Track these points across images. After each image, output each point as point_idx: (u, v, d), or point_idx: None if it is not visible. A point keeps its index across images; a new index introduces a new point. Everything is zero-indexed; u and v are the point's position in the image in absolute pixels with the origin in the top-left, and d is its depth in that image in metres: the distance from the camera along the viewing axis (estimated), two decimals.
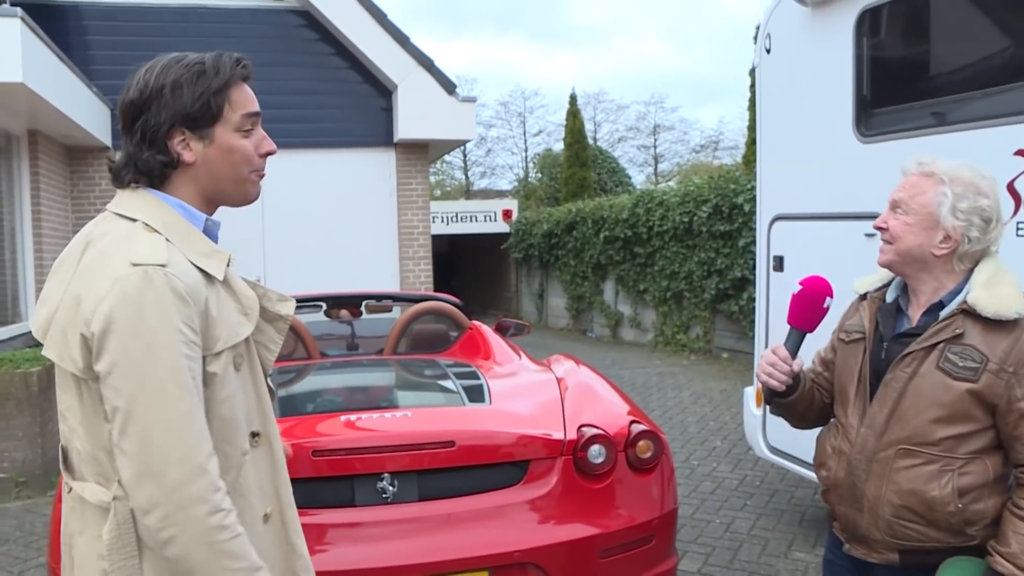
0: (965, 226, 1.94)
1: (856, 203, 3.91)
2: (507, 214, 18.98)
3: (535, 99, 42.10)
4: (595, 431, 2.96)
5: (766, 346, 4.76)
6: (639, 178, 31.18)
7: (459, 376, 3.77)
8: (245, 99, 1.57)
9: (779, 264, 4.57)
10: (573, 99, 20.99)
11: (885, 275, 2.14)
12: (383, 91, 10.43)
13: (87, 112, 8.56)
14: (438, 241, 20.26)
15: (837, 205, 4.05)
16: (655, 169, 34.04)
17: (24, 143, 8.23)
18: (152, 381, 1.36)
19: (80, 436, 1.47)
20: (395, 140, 10.33)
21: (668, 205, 12.02)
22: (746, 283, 10.29)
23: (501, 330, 5.22)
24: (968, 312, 1.92)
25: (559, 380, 3.59)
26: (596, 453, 2.92)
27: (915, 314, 2.03)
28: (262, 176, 1.62)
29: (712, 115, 54.17)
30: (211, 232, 1.58)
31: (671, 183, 22.31)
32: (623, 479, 2.96)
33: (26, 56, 6.34)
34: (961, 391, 1.88)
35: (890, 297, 2.10)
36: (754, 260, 10.01)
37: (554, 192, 22.83)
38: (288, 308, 1.67)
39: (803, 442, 3.32)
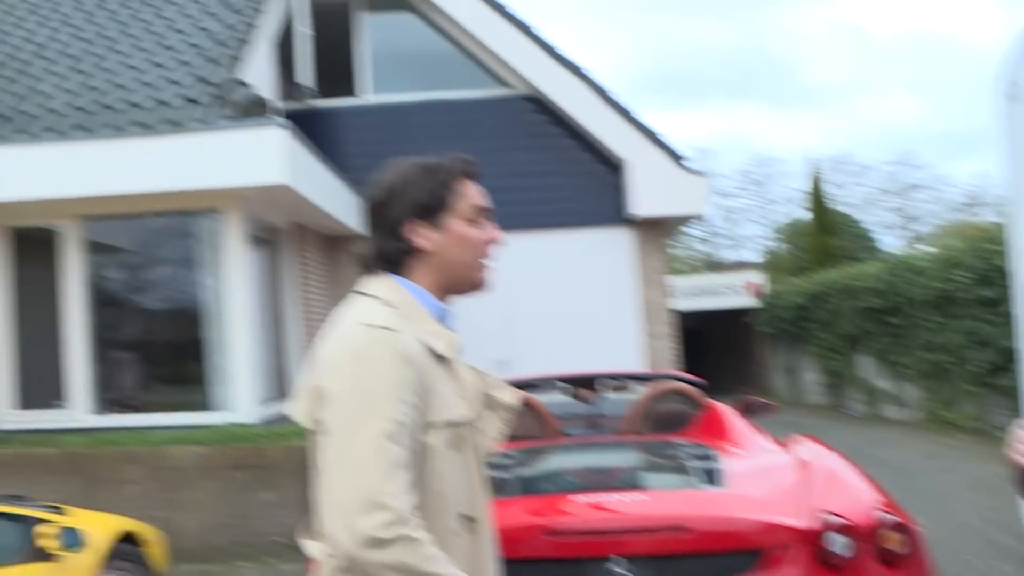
0: None
1: None
2: (751, 287, 18.50)
3: (775, 166, 41.19)
4: (838, 520, 2.77)
5: None
6: (892, 242, 29.30)
7: (695, 458, 3.71)
8: (473, 193, 1.72)
9: None
10: (815, 164, 20.33)
11: None
12: (614, 169, 10.61)
13: (343, 205, 9.38)
14: (684, 317, 20.13)
15: None
16: (910, 232, 31.83)
17: (290, 235, 9.15)
18: (364, 431, 1.44)
19: (315, 492, 1.58)
20: (628, 217, 10.44)
21: (923, 271, 11.19)
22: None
23: (747, 409, 5.08)
24: None
25: (800, 463, 3.42)
26: (839, 543, 2.73)
27: None
28: (491, 265, 1.74)
29: (967, 169, 50.12)
30: (443, 318, 1.69)
31: (923, 247, 20.78)
32: (869, 574, 2.76)
33: (291, 160, 7.11)
34: None
35: None
36: None
37: (801, 262, 21.99)
38: (511, 397, 1.74)
39: None
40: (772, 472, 3.44)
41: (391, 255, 1.68)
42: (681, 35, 56.84)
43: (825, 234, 19.49)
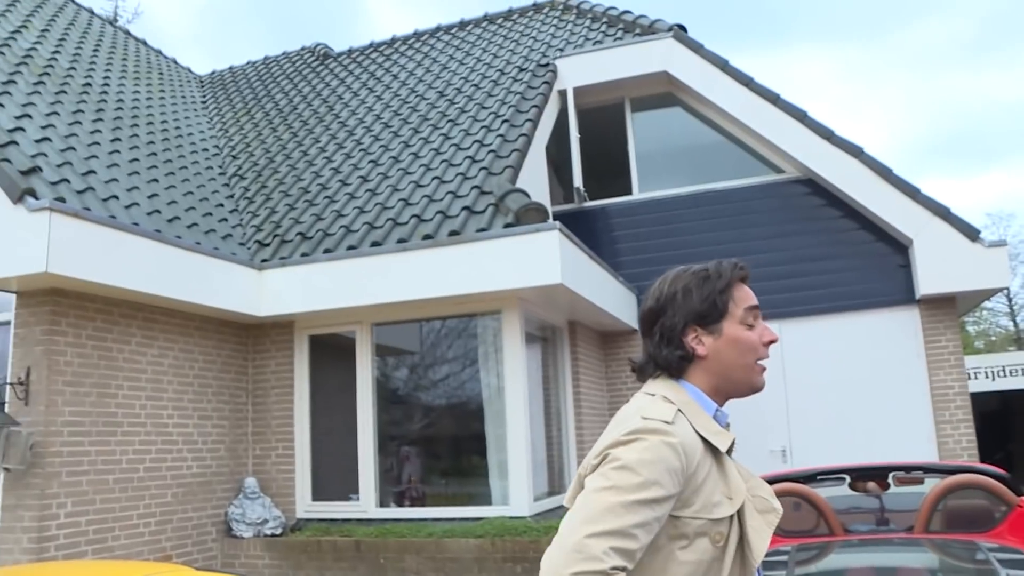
0: None
1: None
2: None
3: None
4: None
5: None
6: None
7: (1006, 564, 3.29)
8: (745, 296, 1.76)
9: None
10: None
11: None
12: (898, 247, 9.90)
13: (615, 300, 9.51)
14: (983, 399, 17.99)
15: None
16: None
17: (565, 333, 9.38)
18: (610, 494, 1.49)
19: None
20: (917, 297, 9.67)
21: None
22: None
23: None
24: None
25: None
26: None
27: None
28: (765, 367, 1.76)
29: None
30: (720, 419, 1.73)
31: None
32: None
33: (564, 260, 7.36)
34: None
35: None
36: None
37: None
38: (778, 504, 1.72)
39: None
40: None
41: (670, 363, 1.73)
42: (964, 91, 52.59)
43: None
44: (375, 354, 8.44)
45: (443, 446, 8.52)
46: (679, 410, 1.63)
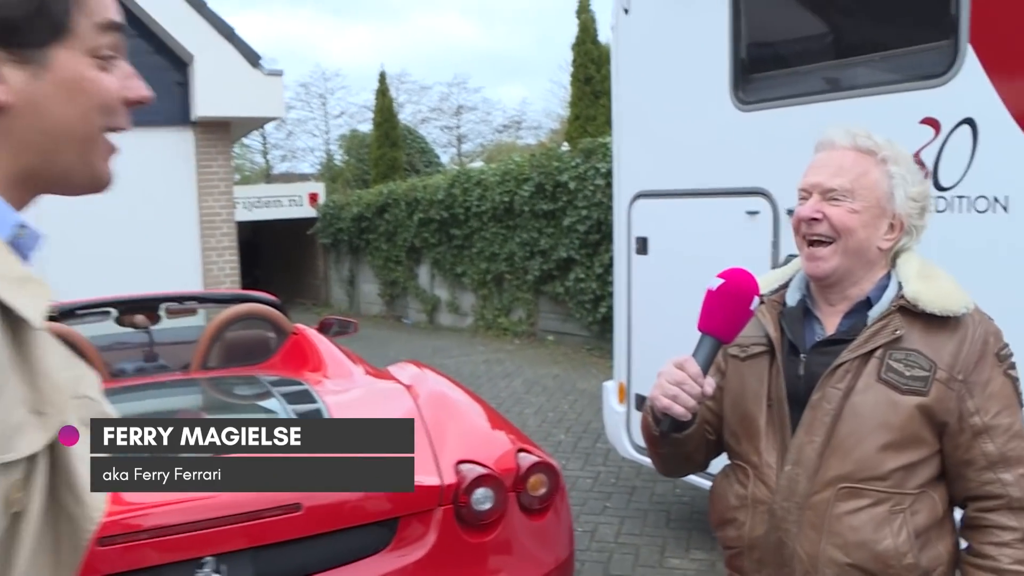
0: (915, 213, 1.58)
1: (734, 178, 3.52)
2: (313, 198, 17.94)
3: (336, 80, 40.82)
4: (479, 470, 2.36)
5: (629, 343, 4.33)
6: (443, 159, 30.81)
7: (288, 398, 3.04)
8: (102, 5, 0.87)
9: (643, 246, 4.14)
10: (383, 77, 20.16)
11: (783, 274, 1.71)
12: (178, 64, 9.21)
13: None
14: (241, 228, 18.82)
15: (712, 180, 3.65)
16: (459, 150, 33.73)
17: None
18: None
19: None
20: (193, 118, 9.17)
21: (487, 185, 11.57)
22: (572, 263, 10.03)
23: (324, 330, 4.51)
24: (906, 310, 1.52)
25: (415, 399, 2.92)
26: (482, 498, 2.32)
27: (829, 319, 1.61)
28: (117, 146, 0.92)
29: (514, 94, 54.51)
30: (23, 245, 0.85)
31: (478, 163, 22.00)
32: (515, 526, 2.39)
33: None
34: (911, 408, 1.48)
35: (792, 300, 1.66)
36: (580, 240, 9.92)
37: (362, 174, 21.93)
38: (111, 407, 0.94)
39: None
40: (382, 409, 2.91)
41: None
42: None
43: (389, 146, 19.56)
44: None
45: None
46: None
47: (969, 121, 2.75)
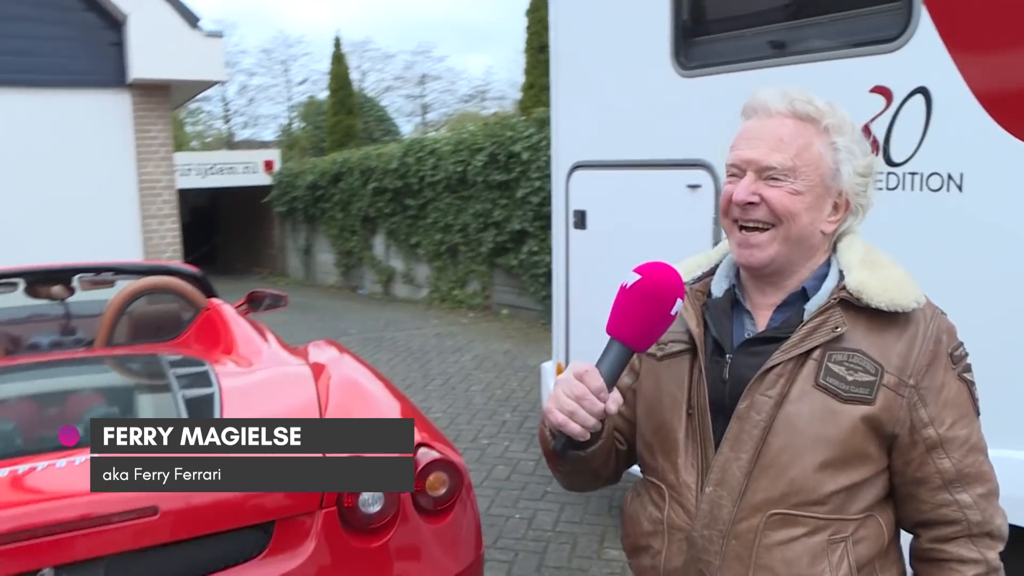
0: (862, 190, 1.34)
1: (675, 148, 3.29)
2: (269, 165, 17.49)
3: (299, 47, 40.08)
4: None
5: (567, 322, 4.10)
6: (408, 128, 30.44)
7: (183, 381, 2.78)
8: None
9: (581, 220, 3.91)
10: (337, 43, 19.59)
11: (708, 259, 1.47)
12: (112, 22, 8.76)
13: None
14: (196, 196, 18.36)
15: (652, 151, 3.42)
16: (423, 119, 33.33)
17: None
18: None
19: None
20: (128, 80, 8.76)
21: (440, 154, 11.27)
22: (526, 236, 9.80)
23: (254, 302, 4.31)
24: (848, 303, 1.28)
25: (325, 382, 2.68)
26: (369, 500, 2.07)
27: (761, 312, 1.37)
28: None
29: (480, 63, 53.83)
30: None
31: (440, 132, 21.63)
32: (410, 530, 2.14)
33: None
34: (854, 419, 1.25)
35: (719, 290, 1.41)
36: (533, 212, 9.68)
37: (319, 142, 21.47)
38: None
39: None
40: (284, 397, 2.67)
41: None
42: None
43: (345, 114, 19.10)
44: None
45: None
46: None
47: (923, 90, 2.54)
